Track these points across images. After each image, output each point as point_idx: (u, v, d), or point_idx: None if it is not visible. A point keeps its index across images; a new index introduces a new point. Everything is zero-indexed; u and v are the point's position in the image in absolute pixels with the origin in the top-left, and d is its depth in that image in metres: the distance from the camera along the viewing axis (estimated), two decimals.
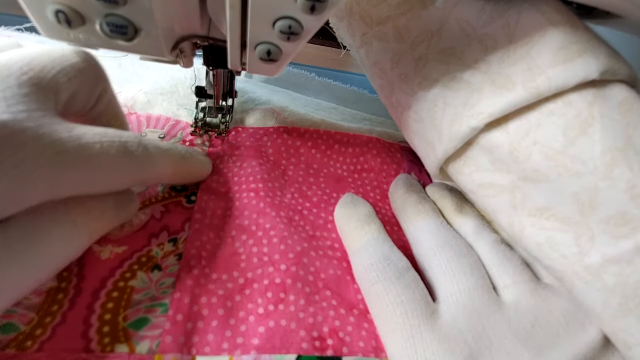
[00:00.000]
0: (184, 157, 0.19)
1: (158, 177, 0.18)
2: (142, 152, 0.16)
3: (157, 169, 0.17)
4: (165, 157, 0.18)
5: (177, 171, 0.19)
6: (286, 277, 0.18)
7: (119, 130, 0.16)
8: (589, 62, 0.15)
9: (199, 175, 0.21)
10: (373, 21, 0.20)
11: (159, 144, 0.18)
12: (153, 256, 0.18)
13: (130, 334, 0.15)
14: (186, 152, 0.20)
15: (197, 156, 0.21)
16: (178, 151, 0.19)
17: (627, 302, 0.15)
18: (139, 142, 0.16)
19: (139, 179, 0.17)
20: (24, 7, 0.12)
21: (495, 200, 0.18)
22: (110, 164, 0.14)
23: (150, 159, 0.16)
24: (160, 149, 0.17)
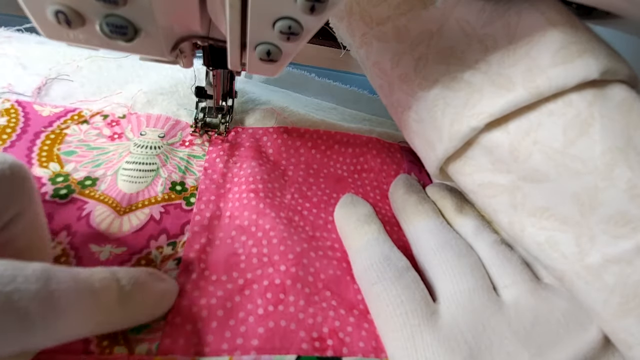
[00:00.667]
0: (125, 297, 0.13)
1: (64, 336, 0.12)
2: (41, 306, 0.10)
3: (63, 328, 0.11)
4: (84, 305, 0.12)
5: (109, 322, 0.13)
6: (286, 277, 0.18)
7: (15, 265, 0.11)
8: (589, 62, 0.15)
9: (151, 315, 0.15)
10: (373, 21, 0.20)
11: (85, 277, 0.12)
12: (152, 260, 0.18)
13: (129, 337, 0.15)
14: (133, 283, 0.13)
15: (152, 287, 0.14)
16: (116, 286, 0.13)
17: (627, 302, 0.15)
18: (42, 287, 0.11)
19: (29, 345, 0.11)
20: (24, 7, 0.12)
21: (495, 200, 0.18)
22: None
23: (53, 312, 0.11)
24: (80, 288, 0.12)
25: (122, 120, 0.24)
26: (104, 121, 0.23)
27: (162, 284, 0.15)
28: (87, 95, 0.25)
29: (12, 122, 0.21)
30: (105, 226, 0.18)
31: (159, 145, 0.23)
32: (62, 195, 0.19)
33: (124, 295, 0.13)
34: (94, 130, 0.23)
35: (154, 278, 0.15)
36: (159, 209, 0.20)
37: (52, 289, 0.11)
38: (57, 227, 0.18)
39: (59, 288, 0.11)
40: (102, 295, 0.12)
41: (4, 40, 0.26)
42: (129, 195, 0.20)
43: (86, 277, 0.12)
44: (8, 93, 0.23)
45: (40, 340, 0.11)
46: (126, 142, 0.22)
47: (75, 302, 0.11)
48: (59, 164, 0.20)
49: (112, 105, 0.24)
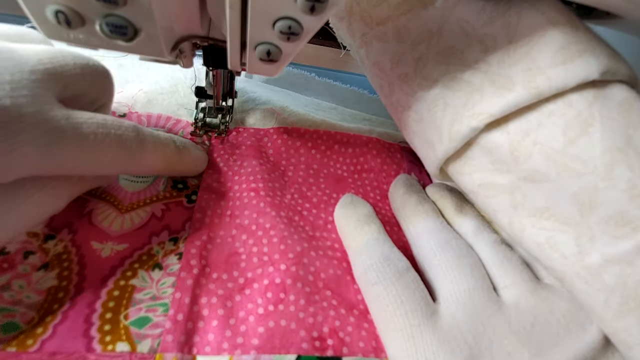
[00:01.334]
0: (179, 152, 0.19)
1: (148, 170, 0.19)
2: (137, 147, 0.16)
3: (149, 163, 0.18)
4: (159, 152, 0.18)
5: (170, 166, 0.19)
6: (286, 277, 0.18)
7: (119, 120, 0.16)
8: (589, 62, 0.15)
9: (192, 171, 0.21)
10: (373, 21, 0.20)
11: (158, 135, 0.18)
12: (154, 255, 0.18)
13: (132, 333, 0.15)
14: (183, 146, 0.20)
15: (193, 151, 0.21)
16: (175, 145, 0.19)
17: (627, 302, 0.15)
18: (136, 135, 0.16)
19: (129, 171, 0.19)
20: (24, 7, 0.12)
21: (495, 200, 0.18)
22: (102, 154, 0.15)
23: (144, 153, 0.17)
24: (156, 142, 0.18)
25: (123, 119, 0.24)
26: None
27: (199, 152, 0.22)
28: None
29: None
30: (107, 224, 0.18)
31: None
32: None
33: (178, 150, 0.19)
34: None
35: (195, 146, 0.21)
36: (161, 206, 0.20)
37: (141, 137, 0.17)
38: (58, 225, 0.18)
39: (144, 138, 0.17)
40: (167, 146, 0.19)
41: None
42: (131, 193, 0.20)
43: (156, 134, 0.18)
44: None
45: (134, 168, 0.18)
46: None
47: (152, 147, 0.18)
48: None
49: (113, 105, 0.24)
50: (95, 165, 0.16)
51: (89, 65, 0.16)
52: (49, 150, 0.13)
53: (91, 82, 0.16)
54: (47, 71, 0.14)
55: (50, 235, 0.18)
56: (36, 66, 0.14)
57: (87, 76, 0.16)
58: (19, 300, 0.15)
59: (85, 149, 0.14)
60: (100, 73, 0.17)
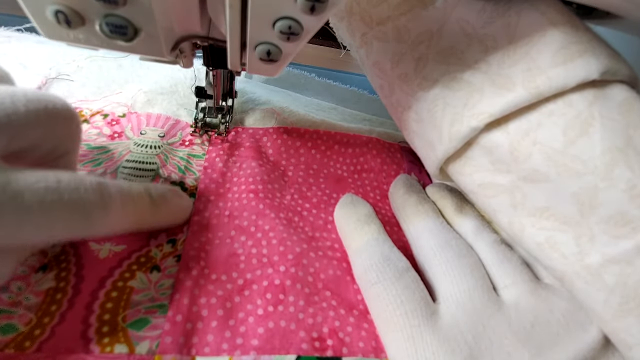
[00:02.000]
0: (154, 207, 0.17)
1: (115, 231, 0.16)
2: (99, 210, 0.14)
3: (114, 225, 0.15)
4: (128, 211, 0.15)
5: (142, 223, 0.17)
6: (285, 278, 0.18)
7: (78, 179, 0.13)
8: (590, 62, 0.15)
9: (171, 223, 0.19)
10: (373, 21, 0.20)
11: (129, 191, 0.15)
12: (152, 257, 0.18)
13: (130, 335, 0.15)
14: (160, 198, 0.17)
15: (172, 202, 0.18)
16: (149, 199, 0.16)
17: (627, 302, 0.15)
18: (99, 197, 0.14)
19: (88, 236, 0.15)
20: (24, 7, 0.12)
21: (495, 200, 0.18)
22: (50, 225, 0.12)
23: (107, 216, 0.14)
24: (125, 200, 0.15)
25: (122, 119, 0.24)
26: (104, 120, 0.23)
27: (181, 200, 0.19)
28: (87, 94, 0.25)
29: None
30: None
31: (159, 144, 0.23)
32: None
33: (153, 205, 0.17)
34: (94, 130, 0.23)
35: (175, 195, 0.18)
36: None
37: (105, 199, 0.14)
38: None
39: (109, 198, 0.14)
40: (139, 202, 0.16)
41: (4, 40, 0.26)
42: None
43: (127, 190, 0.15)
44: None
45: (95, 232, 0.14)
46: (126, 141, 0.22)
47: (120, 207, 0.15)
48: None
49: (112, 105, 0.24)
50: (43, 237, 0.13)
51: (46, 110, 0.14)
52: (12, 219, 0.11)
53: (48, 129, 0.14)
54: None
55: None
56: None
57: (42, 123, 0.14)
58: (17, 301, 0.15)
59: (28, 222, 0.12)
60: (62, 118, 0.14)
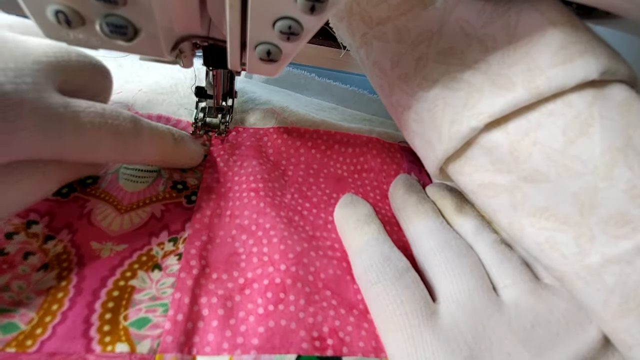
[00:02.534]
0: (176, 144, 0.20)
1: (144, 160, 0.19)
2: (133, 137, 0.17)
3: (145, 153, 0.18)
4: (156, 143, 0.18)
5: (166, 157, 0.20)
6: (286, 277, 0.18)
7: (117, 110, 0.16)
8: (589, 62, 0.15)
9: (188, 163, 0.22)
10: (373, 21, 0.20)
11: (156, 127, 0.18)
12: (153, 255, 0.18)
13: (131, 334, 0.15)
14: (180, 138, 0.20)
15: (190, 144, 0.21)
16: (172, 137, 0.19)
17: (627, 302, 0.15)
18: (134, 126, 0.17)
19: (124, 160, 0.19)
20: (24, 7, 0.12)
21: (495, 200, 0.18)
22: (98, 142, 0.16)
23: (141, 144, 0.17)
24: (154, 133, 0.18)
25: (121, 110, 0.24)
26: None
27: (197, 146, 0.22)
28: None
29: None
30: (106, 224, 0.18)
31: None
32: (64, 194, 0.19)
33: (175, 142, 0.20)
34: None
35: (192, 140, 0.22)
36: (160, 207, 0.20)
37: (138, 128, 0.17)
38: (58, 225, 0.18)
39: (141, 128, 0.17)
40: (164, 138, 0.19)
41: None
42: (130, 194, 0.20)
43: (155, 125, 0.19)
44: None
45: (129, 157, 0.18)
46: None
47: (149, 138, 0.18)
48: None
49: (112, 105, 0.24)
50: (91, 153, 0.16)
51: (90, 63, 0.17)
52: (46, 136, 0.14)
53: (91, 78, 0.17)
54: (50, 63, 0.15)
55: (50, 236, 0.18)
56: (40, 57, 0.14)
57: (87, 73, 0.17)
58: (18, 301, 0.15)
59: (82, 137, 0.15)
60: (101, 72, 0.18)
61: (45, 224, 0.18)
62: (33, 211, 0.18)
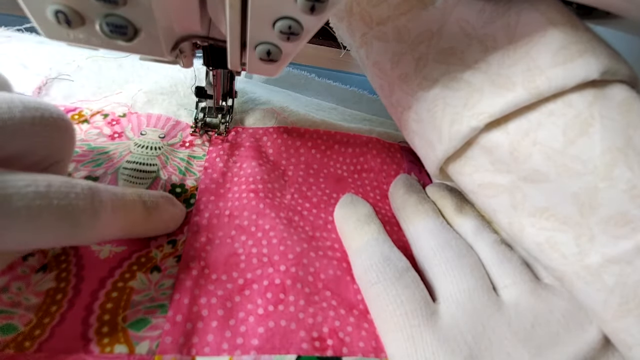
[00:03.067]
0: (147, 214, 0.17)
1: (104, 238, 0.16)
2: (88, 218, 0.13)
3: (104, 233, 0.14)
4: (120, 219, 0.15)
5: (134, 231, 0.17)
6: (286, 277, 0.18)
7: (69, 184, 0.13)
8: (589, 62, 0.15)
9: (162, 232, 0.18)
10: (373, 21, 0.20)
11: (123, 197, 0.15)
12: (152, 257, 0.18)
13: (130, 335, 0.15)
14: (154, 205, 0.17)
15: (165, 210, 0.18)
16: (143, 207, 0.16)
17: (627, 302, 0.15)
18: (89, 203, 0.13)
19: (77, 243, 0.14)
20: (24, 7, 0.12)
21: (495, 200, 0.18)
22: (37, 230, 0.12)
23: (97, 223, 0.14)
24: (117, 207, 0.15)
25: (122, 119, 0.24)
26: (104, 120, 0.23)
27: (174, 208, 0.19)
28: (87, 94, 0.25)
29: None
30: None
31: (160, 145, 0.23)
32: None
33: (146, 213, 0.16)
34: (95, 130, 0.23)
35: (169, 202, 0.18)
36: None
37: (96, 206, 0.13)
38: None
39: (100, 205, 0.14)
40: (132, 210, 0.16)
41: (4, 40, 0.26)
42: None
43: (121, 195, 0.15)
44: None
45: (83, 238, 0.14)
46: (127, 142, 0.22)
47: (111, 214, 0.14)
48: None
49: (112, 105, 0.24)
50: (30, 242, 0.13)
51: (42, 118, 0.13)
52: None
53: (41, 138, 0.14)
54: None
55: None
56: None
57: (37, 131, 0.13)
58: (17, 302, 0.15)
59: (14, 226, 0.11)
60: (57, 127, 0.14)
61: None
62: None
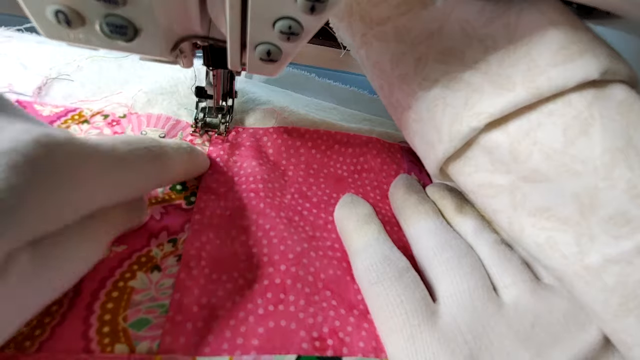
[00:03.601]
0: (190, 154, 0.20)
1: (174, 178, 0.19)
2: (163, 156, 0.17)
3: (175, 170, 0.18)
4: (178, 157, 0.19)
5: (188, 169, 0.20)
6: (286, 277, 0.18)
7: (137, 136, 0.17)
8: (589, 62, 0.15)
9: (203, 170, 0.22)
10: (373, 21, 0.20)
11: (170, 144, 0.18)
12: (153, 257, 0.18)
13: (131, 335, 0.15)
14: (190, 148, 0.20)
15: (198, 151, 0.21)
16: (185, 148, 0.19)
17: (627, 302, 0.15)
18: (159, 146, 0.17)
19: (162, 182, 0.19)
20: (24, 7, 0.12)
21: (495, 200, 0.18)
22: (141, 169, 0.16)
23: (170, 161, 0.18)
24: (174, 150, 0.18)
25: (122, 119, 0.24)
26: (104, 121, 0.23)
27: (200, 151, 0.21)
28: (87, 95, 0.25)
29: None
30: None
31: None
32: None
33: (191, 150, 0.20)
34: (95, 130, 0.23)
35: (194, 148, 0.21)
36: (159, 209, 0.20)
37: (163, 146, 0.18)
38: None
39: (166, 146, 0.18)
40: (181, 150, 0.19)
41: (4, 40, 0.26)
42: None
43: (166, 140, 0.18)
44: (8, 93, 0.23)
45: (166, 176, 0.18)
46: None
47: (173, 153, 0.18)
48: None
49: (112, 105, 0.24)
50: (139, 183, 0.16)
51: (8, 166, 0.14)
52: (104, 174, 0.14)
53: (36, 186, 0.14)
54: None
55: None
56: None
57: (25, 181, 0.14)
58: None
59: (130, 169, 0.15)
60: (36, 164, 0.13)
61: None
62: None
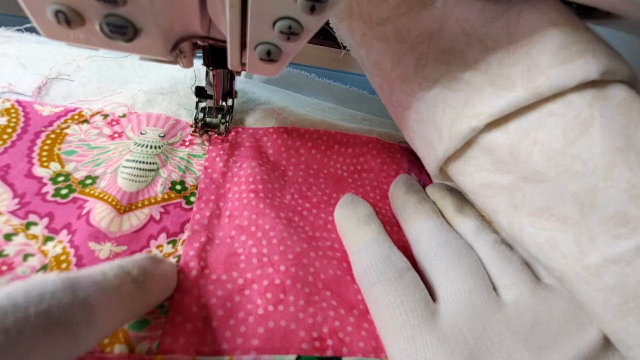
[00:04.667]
0: (139, 285, 0.14)
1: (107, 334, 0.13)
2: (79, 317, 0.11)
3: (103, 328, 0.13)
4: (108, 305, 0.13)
5: (134, 310, 0.14)
6: (286, 277, 0.18)
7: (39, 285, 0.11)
8: (589, 62, 0.15)
9: (163, 296, 0.16)
10: (373, 21, 0.20)
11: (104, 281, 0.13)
12: None
13: (130, 335, 0.15)
14: (140, 270, 0.14)
15: (157, 270, 0.15)
16: (130, 278, 0.14)
17: (627, 303, 0.15)
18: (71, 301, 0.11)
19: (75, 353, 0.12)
20: (24, 7, 0.12)
21: (495, 200, 0.18)
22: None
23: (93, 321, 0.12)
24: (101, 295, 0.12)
25: (122, 119, 0.24)
26: (104, 120, 0.23)
27: (164, 265, 0.16)
28: (87, 95, 0.25)
29: (13, 122, 0.21)
30: (105, 224, 0.18)
31: (159, 144, 0.23)
32: (63, 195, 0.19)
33: (138, 285, 0.14)
34: (95, 130, 0.23)
35: (156, 262, 0.16)
36: (159, 209, 0.20)
37: (82, 296, 0.11)
38: (57, 226, 0.18)
39: (86, 293, 0.12)
40: (122, 289, 0.13)
41: (4, 40, 0.26)
42: (129, 194, 0.20)
43: (102, 277, 0.13)
44: (8, 93, 0.23)
45: (84, 344, 0.12)
46: (126, 141, 0.22)
47: (104, 301, 0.12)
48: (60, 164, 0.20)
49: (112, 105, 0.24)
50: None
51: None
52: None
53: None
54: None
55: (50, 237, 0.18)
56: None
57: None
58: None
59: None
60: None
61: (45, 225, 0.18)
62: (33, 212, 0.18)
